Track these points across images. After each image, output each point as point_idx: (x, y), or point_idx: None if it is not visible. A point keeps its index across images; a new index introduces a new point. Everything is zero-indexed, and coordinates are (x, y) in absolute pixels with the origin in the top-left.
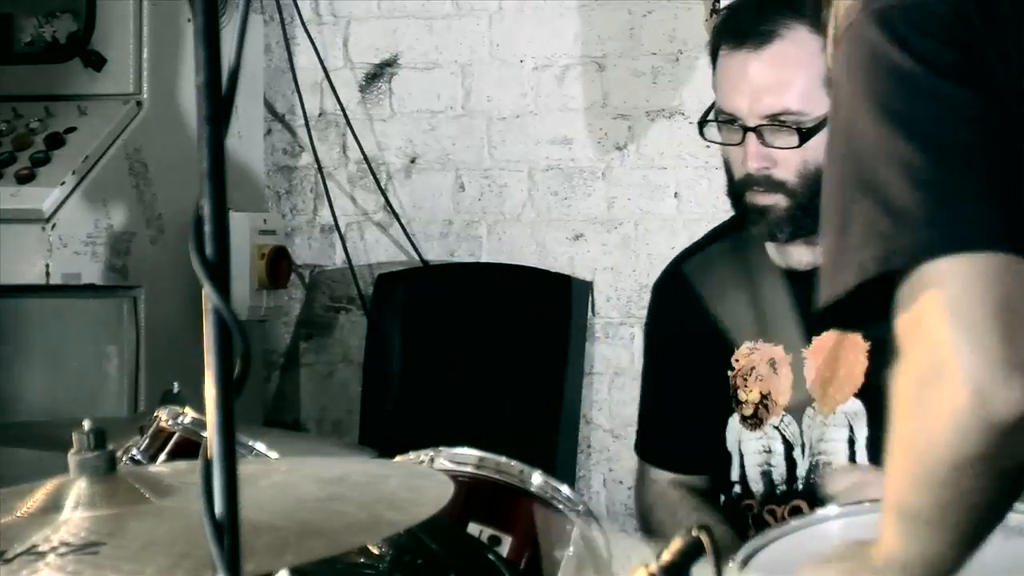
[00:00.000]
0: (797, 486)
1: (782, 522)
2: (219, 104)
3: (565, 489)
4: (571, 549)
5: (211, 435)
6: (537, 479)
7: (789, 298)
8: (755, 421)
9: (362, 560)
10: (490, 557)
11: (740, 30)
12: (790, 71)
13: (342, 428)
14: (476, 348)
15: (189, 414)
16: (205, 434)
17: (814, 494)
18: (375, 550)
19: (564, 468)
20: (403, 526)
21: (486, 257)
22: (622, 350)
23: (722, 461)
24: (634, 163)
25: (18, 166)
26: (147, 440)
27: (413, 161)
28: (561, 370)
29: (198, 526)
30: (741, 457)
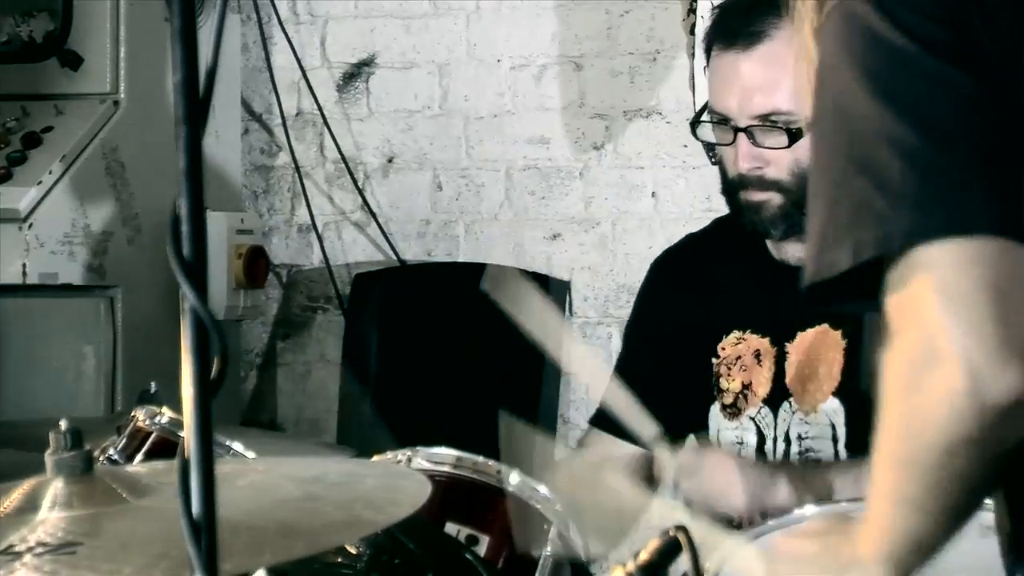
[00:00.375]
0: None
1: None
2: (196, 104)
3: (543, 488)
4: (548, 548)
5: (188, 435)
6: (515, 479)
7: (780, 290)
8: (734, 411)
9: (339, 560)
10: (468, 557)
11: (730, 30)
12: (779, 71)
13: (319, 428)
14: (453, 348)
15: (166, 414)
16: (182, 434)
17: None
18: (352, 550)
19: (542, 467)
20: (380, 526)
21: (463, 257)
22: (600, 350)
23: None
24: (611, 163)
25: None
26: (124, 440)
27: (390, 161)
28: (538, 370)
29: (175, 526)
30: (719, 445)
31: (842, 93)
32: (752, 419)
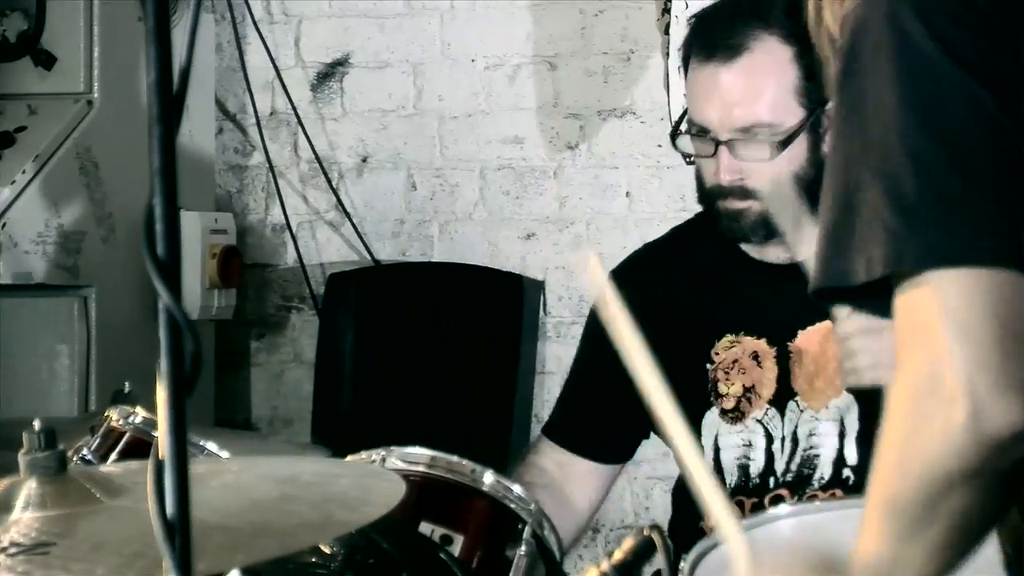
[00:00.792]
0: (776, 479)
1: (748, 515)
2: (170, 103)
3: (517, 488)
4: (523, 548)
5: (162, 435)
6: (489, 478)
7: (770, 291)
8: (736, 415)
9: (314, 560)
10: (442, 556)
11: (709, 42)
12: (760, 83)
13: (294, 427)
14: (428, 347)
15: (140, 413)
16: (156, 434)
17: (803, 487)
18: (327, 550)
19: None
20: (355, 525)
21: (438, 256)
22: (574, 349)
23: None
24: (586, 162)
25: None
26: (98, 440)
27: (365, 160)
28: (513, 369)
29: (149, 526)
30: (716, 451)
31: (865, 92)
32: (759, 421)
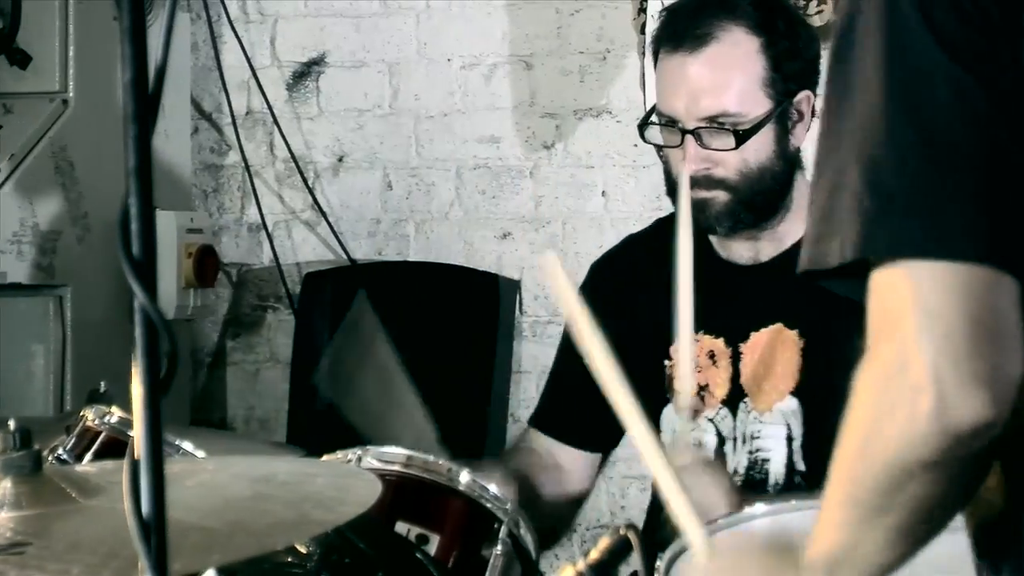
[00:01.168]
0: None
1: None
2: (145, 102)
3: (493, 487)
4: (499, 547)
5: (138, 434)
6: (465, 478)
7: (732, 291)
8: (690, 412)
9: (290, 559)
10: (418, 556)
11: (677, 33)
12: (727, 73)
13: (269, 427)
14: (404, 347)
15: (116, 413)
16: (132, 433)
17: (753, 490)
18: (302, 549)
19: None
20: (330, 525)
21: (414, 256)
22: (550, 348)
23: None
24: (562, 162)
25: None
26: (73, 439)
27: (341, 160)
28: (489, 368)
29: (125, 526)
30: (674, 446)
31: (855, 76)
32: (711, 420)
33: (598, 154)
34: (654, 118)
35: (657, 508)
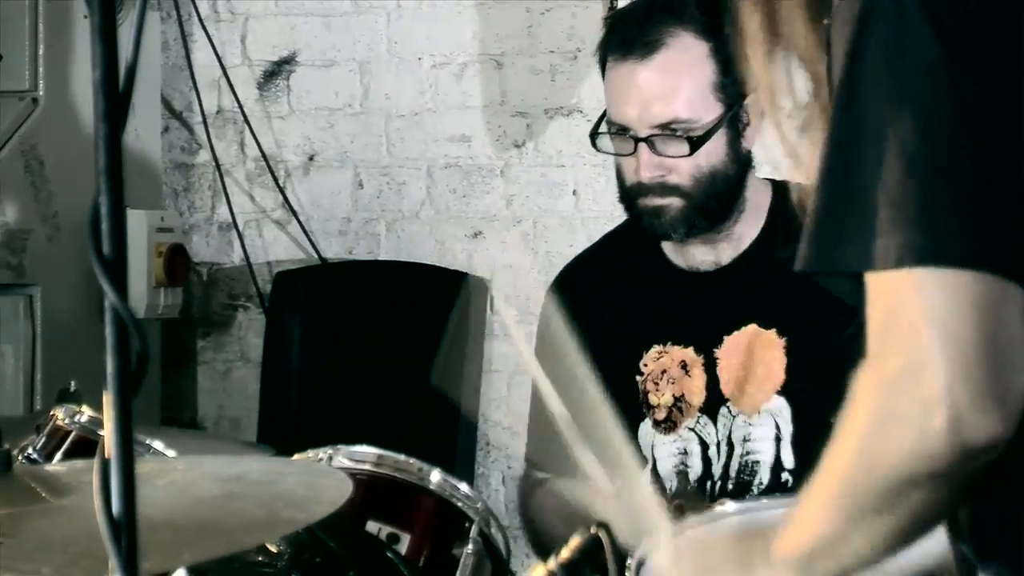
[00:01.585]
0: (716, 485)
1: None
2: (116, 101)
3: (464, 487)
4: (470, 546)
5: (108, 433)
6: (436, 477)
7: (695, 299)
8: (669, 425)
9: (260, 558)
10: (389, 555)
11: (626, 40)
12: (678, 79)
13: (240, 426)
14: (375, 346)
15: (86, 412)
16: (102, 432)
17: (744, 493)
18: (273, 548)
19: (463, 466)
20: (301, 524)
21: (385, 255)
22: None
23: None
24: (532, 161)
25: None
26: (43, 439)
27: (311, 159)
28: (460, 367)
29: (95, 525)
30: (654, 461)
31: (860, 78)
32: (692, 430)
33: (569, 153)
34: (605, 126)
35: None
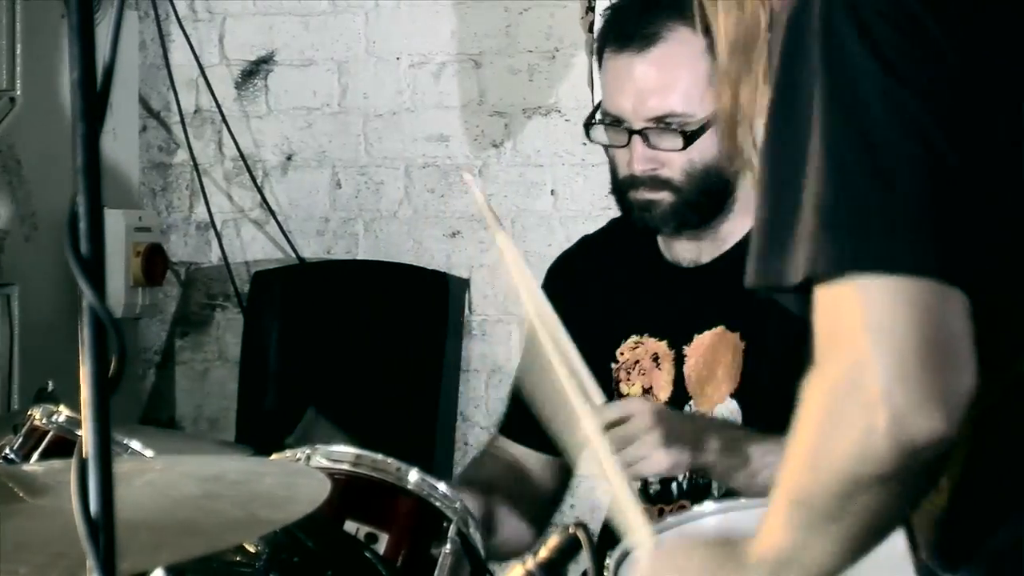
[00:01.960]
0: (672, 486)
1: (659, 519)
2: (93, 101)
3: (442, 486)
4: (448, 546)
5: (86, 433)
6: (414, 476)
7: (675, 294)
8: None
9: (238, 558)
10: (367, 555)
11: (624, 32)
12: (674, 73)
13: (218, 426)
14: (353, 346)
15: (63, 412)
16: (80, 432)
17: (698, 495)
18: (251, 548)
19: (441, 465)
20: (279, 524)
21: (363, 254)
22: (499, 347)
23: None
24: (511, 160)
25: None
26: (21, 439)
27: (289, 158)
28: (438, 367)
29: (73, 525)
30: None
31: (796, 89)
32: None
33: (547, 153)
34: (599, 117)
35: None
